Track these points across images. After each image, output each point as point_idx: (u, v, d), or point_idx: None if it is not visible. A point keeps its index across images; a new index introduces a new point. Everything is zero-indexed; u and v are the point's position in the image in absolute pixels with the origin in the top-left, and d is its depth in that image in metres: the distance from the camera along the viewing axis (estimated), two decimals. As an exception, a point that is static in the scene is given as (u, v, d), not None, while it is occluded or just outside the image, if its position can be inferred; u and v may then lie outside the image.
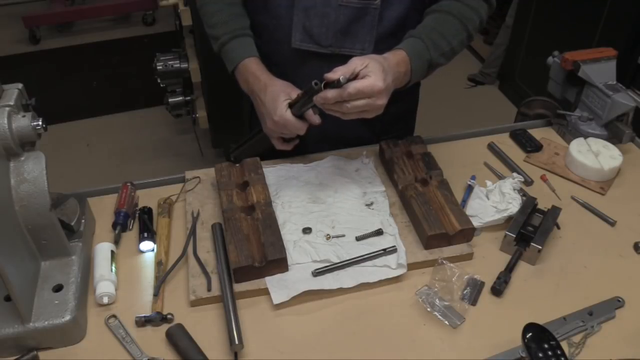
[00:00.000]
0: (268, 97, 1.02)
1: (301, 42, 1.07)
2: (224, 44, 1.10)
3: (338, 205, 1.04)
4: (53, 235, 0.87)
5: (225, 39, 1.09)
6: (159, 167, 2.66)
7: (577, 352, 0.82)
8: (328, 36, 1.05)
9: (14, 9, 4.11)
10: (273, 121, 1.01)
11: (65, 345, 0.84)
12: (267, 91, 1.03)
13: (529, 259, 0.96)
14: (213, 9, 1.11)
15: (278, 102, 1.00)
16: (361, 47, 1.06)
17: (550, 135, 1.27)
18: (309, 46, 1.08)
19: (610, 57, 1.18)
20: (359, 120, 0.96)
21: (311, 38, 1.06)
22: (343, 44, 1.06)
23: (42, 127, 0.82)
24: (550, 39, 2.67)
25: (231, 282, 0.90)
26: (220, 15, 1.10)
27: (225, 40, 1.09)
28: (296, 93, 1.00)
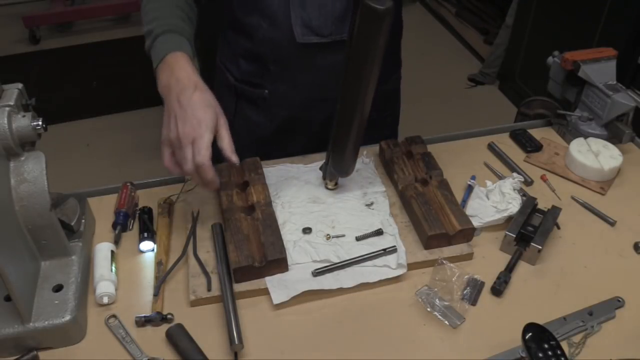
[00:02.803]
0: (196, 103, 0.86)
1: (303, 36, 1.07)
2: (156, 36, 0.96)
3: (338, 205, 1.04)
4: (53, 235, 0.87)
5: (158, 31, 0.96)
6: (159, 167, 2.65)
7: (577, 352, 0.82)
8: (327, 25, 1.05)
9: (14, 9, 4.11)
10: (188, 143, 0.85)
11: (65, 345, 0.84)
12: (196, 96, 0.87)
13: (529, 259, 0.96)
14: (154, 6, 1.01)
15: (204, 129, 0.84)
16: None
17: (550, 135, 1.27)
18: (311, 38, 1.07)
19: (610, 57, 1.18)
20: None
21: (312, 30, 1.06)
22: (342, 30, 1.06)
23: (42, 127, 0.82)
24: (550, 39, 2.67)
25: (231, 282, 0.90)
26: (160, 11, 1.00)
27: (159, 33, 0.96)
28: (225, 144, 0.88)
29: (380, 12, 0.76)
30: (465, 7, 3.80)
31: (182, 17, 1.00)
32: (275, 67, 1.14)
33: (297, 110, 1.22)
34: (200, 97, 0.86)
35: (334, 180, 1.07)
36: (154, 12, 0.99)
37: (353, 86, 0.87)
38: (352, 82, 0.87)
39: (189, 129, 0.84)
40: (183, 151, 0.85)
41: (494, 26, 3.46)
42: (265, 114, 1.23)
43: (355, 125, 0.92)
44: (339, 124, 0.94)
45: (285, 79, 1.17)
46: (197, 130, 0.84)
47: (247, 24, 1.10)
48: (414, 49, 3.66)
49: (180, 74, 0.89)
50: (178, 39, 0.95)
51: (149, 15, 1.00)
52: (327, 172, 1.05)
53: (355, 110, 0.90)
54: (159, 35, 0.95)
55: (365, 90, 0.87)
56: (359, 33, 0.81)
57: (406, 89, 3.61)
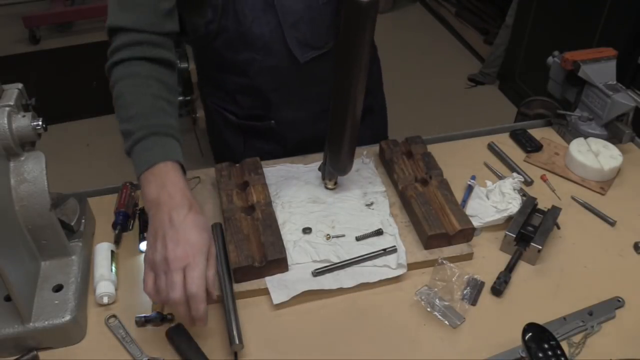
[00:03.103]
0: (190, 225, 0.76)
1: (303, 55, 1.06)
2: (138, 140, 0.82)
3: (338, 205, 1.04)
4: (53, 235, 0.87)
5: (139, 135, 0.82)
6: (159, 167, 2.65)
7: (577, 352, 0.82)
8: (322, 36, 1.05)
9: (14, 9, 4.10)
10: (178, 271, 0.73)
11: (65, 345, 0.84)
12: (190, 217, 0.77)
13: (529, 259, 0.96)
14: (131, 99, 0.85)
15: (199, 255, 0.74)
16: None
17: (550, 135, 1.27)
18: (311, 54, 1.07)
19: (610, 57, 1.18)
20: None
21: (309, 46, 1.06)
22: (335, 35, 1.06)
23: (42, 127, 0.82)
24: (550, 39, 2.67)
25: (231, 282, 0.90)
26: (139, 107, 0.85)
27: (140, 137, 0.82)
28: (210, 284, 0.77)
29: (364, 6, 0.77)
30: (465, 7, 3.80)
31: (164, 108, 0.86)
32: (276, 95, 1.13)
33: (308, 129, 1.21)
34: (195, 218, 0.77)
35: (333, 179, 1.07)
36: (131, 108, 0.85)
37: (343, 82, 0.87)
38: (342, 79, 0.87)
39: (181, 252, 0.73)
40: (172, 276, 0.73)
41: (494, 26, 3.45)
42: (277, 141, 1.22)
43: (348, 122, 0.92)
44: (332, 122, 0.94)
45: (289, 103, 1.16)
46: (191, 255, 0.73)
47: (239, 62, 1.07)
48: (414, 49, 3.68)
49: (173, 190, 0.78)
50: (164, 142, 0.83)
51: (125, 111, 0.85)
52: (326, 171, 1.05)
53: (347, 107, 0.90)
54: (140, 140, 0.82)
55: (356, 86, 0.87)
56: (346, 28, 0.81)
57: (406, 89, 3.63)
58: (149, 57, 0.88)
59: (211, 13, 1.00)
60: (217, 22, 1.01)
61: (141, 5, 0.88)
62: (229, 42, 1.04)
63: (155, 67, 0.88)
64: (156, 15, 0.88)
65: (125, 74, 0.87)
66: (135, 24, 0.87)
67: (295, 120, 1.19)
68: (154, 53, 0.89)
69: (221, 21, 1.00)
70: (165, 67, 0.90)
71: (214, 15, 1.00)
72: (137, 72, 0.87)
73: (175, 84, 0.91)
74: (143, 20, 0.87)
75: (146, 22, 0.88)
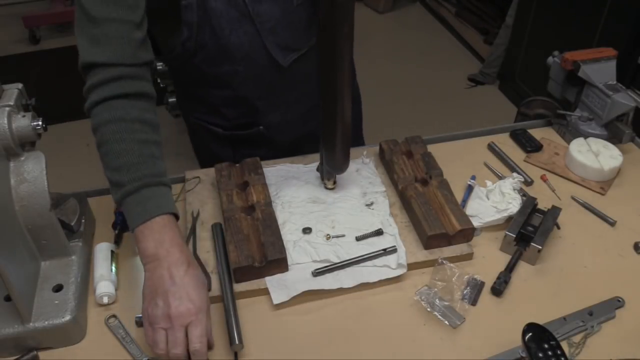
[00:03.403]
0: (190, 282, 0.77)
1: (285, 58, 1.06)
2: (129, 193, 0.80)
3: (338, 205, 1.04)
4: (53, 235, 0.87)
5: (130, 188, 0.80)
6: (159, 167, 2.65)
7: (577, 352, 0.82)
8: (302, 37, 1.06)
9: (14, 9, 4.10)
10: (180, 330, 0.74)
11: (65, 345, 0.84)
12: (190, 273, 0.78)
13: (529, 259, 0.96)
14: (118, 148, 0.81)
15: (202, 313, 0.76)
16: None
17: (550, 135, 1.27)
18: (293, 56, 1.07)
19: (610, 57, 1.18)
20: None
21: (290, 49, 1.06)
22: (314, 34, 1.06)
23: (42, 127, 0.82)
24: (550, 39, 2.67)
25: (231, 282, 0.90)
26: (128, 156, 0.81)
27: (131, 190, 0.80)
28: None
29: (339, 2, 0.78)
30: (465, 7, 3.80)
31: (152, 154, 0.84)
32: (262, 102, 1.13)
33: (298, 129, 1.22)
34: (194, 275, 0.78)
35: (332, 179, 1.07)
36: (119, 158, 0.81)
37: (329, 81, 0.88)
38: (327, 77, 0.87)
39: (185, 309, 0.74)
40: (174, 332, 0.74)
41: (494, 26, 3.45)
42: (267, 145, 1.22)
43: (338, 120, 0.92)
44: (324, 121, 0.95)
45: (276, 108, 1.16)
46: (194, 313, 0.75)
47: (221, 75, 1.07)
48: (413, 49, 3.68)
49: (171, 246, 0.78)
50: (157, 193, 0.82)
51: (113, 160, 0.82)
52: (324, 171, 1.05)
53: (336, 104, 0.90)
54: (132, 193, 0.80)
55: (342, 82, 0.87)
56: (325, 25, 0.82)
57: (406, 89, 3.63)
58: (129, 93, 0.84)
59: (187, 31, 0.99)
60: (195, 39, 1.00)
61: (114, 37, 0.83)
62: (209, 57, 1.03)
63: (136, 105, 0.84)
64: (130, 46, 0.84)
65: (107, 118, 0.82)
66: (111, 57, 0.83)
67: (284, 123, 1.19)
68: (133, 88, 0.84)
69: (198, 38, 1.00)
70: (146, 101, 0.86)
71: (190, 32, 0.99)
72: (120, 116, 0.82)
73: (156, 116, 0.88)
74: (118, 52, 0.83)
75: (121, 54, 0.83)
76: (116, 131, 0.82)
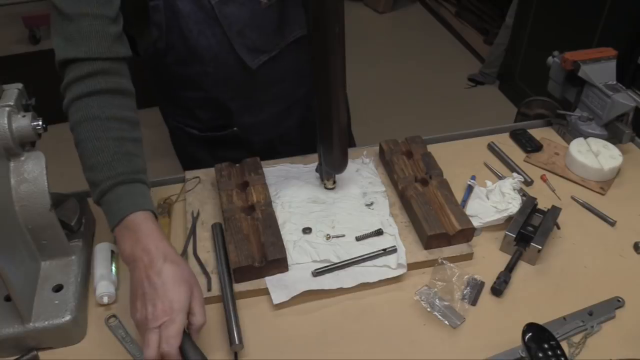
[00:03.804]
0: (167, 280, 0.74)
1: (254, 60, 1.06)
2: (104, 192, 0.80)
3: (338, 205, 1.04)
4: (53, 235, 0.87)
5: (105, 187, 0.79)
6: (159, 167, 2.64)
7: (577, 352, 0.82)
8: (271, 39, 1.05)
9: (14, 9, 4.10)
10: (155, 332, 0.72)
11: (65, 345, 0.84)
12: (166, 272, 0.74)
13: (529, 259, 0.96)
14: (93, 146, 0.81)
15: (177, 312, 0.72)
16: (299, 26, 1.07)
17: (550, 135, 1.27)
18: (262, 58, 1.07)
19: (610, 57, 1.18)
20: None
21: (259, 51, 1.06)
22: (284, 37, 1.06)
23: (42, 127, 0.82)
24: (550, 39, 2.67)
25: (231, 282, 0.90)
26: (102, 155, 0.80)
27: (106, 188, 0.79)
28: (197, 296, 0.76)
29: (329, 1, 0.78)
30: (465, 7, 3.80)
31: (128, 151, 0.82)
32: (235, 104, 1.13)
33: (273, 130, 1.22)
34: (172, 270, 0.75)
35: (331, 179, 1.07)
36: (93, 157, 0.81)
37: (323, 80, 0.87)
38: (321, 76, 0.87)
39: (160, 311, 0.72)
40: (148, 335, 0.71)
41: (494, 26, 3.45)
42: (243, 147, 1.21)
43: (334, 119, 0.92)
44: (320, 121, 0.95)
45: (249, 108, 1.16)
46: (168, 313, 0.72)
47: (192, 76, 1.07)
48: (413, 49, 3.68)
49: (147, 242, 0.76)
50: (132, 191, 0.80)
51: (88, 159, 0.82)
52: (323, 171, 1.05)
53: (331, 103, 0.90)
54: (107, 192, 0.80)
55: (336, 80, 0.87)
56: (316, 25, 0.82)
57: (406, 89, 3.63)
58: (105, 89, 0.82)
59: (156, 31, 0.99)
60: (164, 40, 1.00)
61: (88, 32, 0.81)
62: (179, 58, 1.03)
63: (113, 102, 0.83)
64: (106, 40, 0.82)
65: (83, 117, 0.81)
66: (87, 52, 0.81)
67: (258, 124, 1.19)
68: (110, 84, 0.83)
69: (167, 38, 1.00)
70: (123, 98, 0.85)
71: (159, 33, 0.99)
72: (95, 114, 0.81)
73: (135, 113, 0.87)
74: (93, 47, 0.81)
75: (96, 48, 0.82)
76: (91, 130, 0.81)
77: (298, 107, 1.22)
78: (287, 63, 1.11)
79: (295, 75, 1.15)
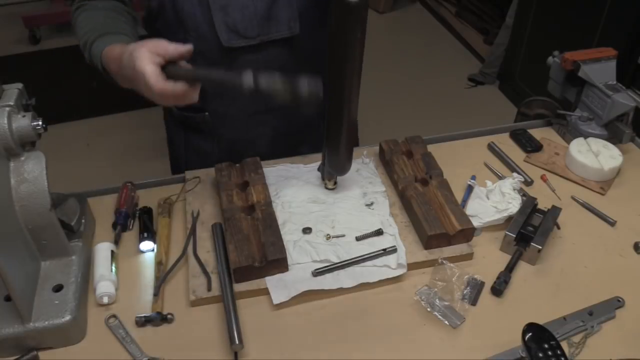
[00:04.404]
0: (133, 59, 0.83)
1: (229, 41, 1.05)
2: (92, 42, 0.95)
3: (338, 205, 1.04)
4: (53, 235, 0.87)
5: (93, 37, 0.95)
6: (159, 167, 2.64)
7: (577, 352, 0.82)
8: (253, 26, 1.04)
9: (14, 9, 4.10)
10: (151, 93, 0.84)
11: (65, 345, 0.84)
12: (127, 55, 0.85)
13: (529, 259, 0.96)
14: (86, 22, 1.00)
15: (144, 63, 0.82)
16: (287, 26, 1.06)
17: (550, 135, 1.27)
18: (238, 42, 1.06)
19: (610, 57, 1.18)
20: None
21: (238, 34, 1.05)
22: (269, 30, 1.05)
23: (42, 127, 0.82)
24: (550, 39, 2.67)
25: (231, 282, 0.90)
26: (92, 21, 0.99)
27: (92, 39, 0.95)
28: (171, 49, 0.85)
29: (353, 5, 0.77)
30: (465, 7, 3.80)
31: (117, 19, 1.00)
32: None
33: (242, 128, 1.21)
34: (132, 52, 0.83)
35: (332, 179, 1.07)
36: (86, 26, 0.98)
37: (337, 83, 0.87)
38: (335, 79, 0.87)
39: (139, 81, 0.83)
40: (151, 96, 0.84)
41: (494, 26, 3.45)
42: (212, 139, 1.21)
43: (344, 123, 0.92)
44: (329, 122, 0.94)
45: (222, 95, 1.15)
46: (139, 71, 0.82)
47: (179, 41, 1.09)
48: (414, 49, 3.68)
49: (123, 53, 0.86)
50: (116, 39, 0.94)
51: (81, 29, 0.99)
52: (325, 172, 1.05)
53: (343, 108, 0.90)
54: (94, 41, 0.94)
55: (350, 86, 0.87)
56: (336, 28, 0.81)
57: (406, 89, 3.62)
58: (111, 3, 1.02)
59: None
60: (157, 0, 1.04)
61: None
62: (167, 23, 1.06)
63: (112, 5, 1.03)
64: None
65: (84, 10, 1.01)
66: None
67: (228, 115, 1.19)
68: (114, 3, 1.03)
69: None
70: (123, 4, 1.05)
71: None
72: (95, 6, 1.01)
73: (134, 18, 1.05)
74: None
75: None
76: (88, 16, 1.00)
77: (271, 118, 1.20)
78: (266, 60, 1.09)
79: None
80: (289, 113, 1.18)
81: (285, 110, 1.18)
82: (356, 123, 0.95)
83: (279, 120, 1.20)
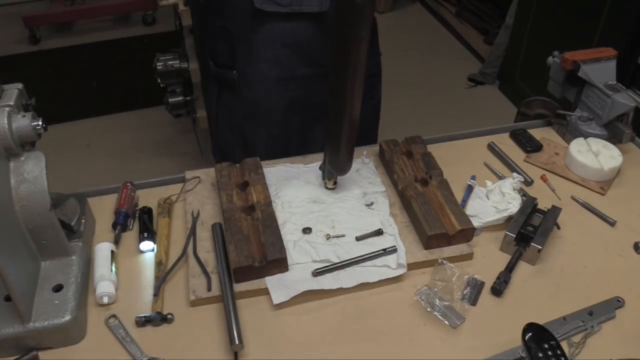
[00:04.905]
0: None
1: (262, 3, 1.08)
2: None
3: (338, 205, 1.04)
4: (53, 235, 0.87)
5: None
6: (159, 167, 2.65)
7: (577, 352, 0.82)
8: None
9: (14, 9, 4.10)
10: None
11: (65, 345, 0.84)
12: None
13: (529, 259, 0.96)
14: None
15: None
16: (318, 1, 1.08)
17: (550, 135, 1.27)
18: (270, 6, 1.08)
19: (610, 57, 1.18)
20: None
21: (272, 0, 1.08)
22: (301, 2, 1.08)
23: (42, 127, 0.82)
24: (550, 39, 2.67)
25: (231, 282, 0.90)
26: None
27: None
28: None
29: (359, 4, 0.77)
30: (465, 7, 3.80)
31: None
32: (239, 43, 1.15)
33: (260, 93, 1.25)
34: None
35: (332, 179, 1.07)
36: None
37: (340, 82, 0.87)
38: (338, 78, 0.87)
39: None
40: None
41: (494, 26, 3.45)
42: (237, 98, 1.27)
43: (346, 122, 0.92)
44: (330, 122, 0.94)
45: (248, 56, 1.19)
46: None
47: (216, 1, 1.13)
48: (414, 49, 3.68)
49: None
50: None
51: None
52: (325, 171, 1.05)
53: (344, 107, 0.90)
54: None
55: (352, 86, 0.87)
56: (341, 25, 0.81)
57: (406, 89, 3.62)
58: None
59: None
60: None
61: None
62: None
63: None
64: None
65: None
66: None
67: (252, 76, 1.23)
68: None
69: None
70: None
71: None
72: None
73: None
74: None
75: None
76: None
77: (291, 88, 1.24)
78: (294, 32, 1.13)
79: (297, 50, 1.17)
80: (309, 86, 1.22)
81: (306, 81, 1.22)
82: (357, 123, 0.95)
83: (298, 92, 1.24)
